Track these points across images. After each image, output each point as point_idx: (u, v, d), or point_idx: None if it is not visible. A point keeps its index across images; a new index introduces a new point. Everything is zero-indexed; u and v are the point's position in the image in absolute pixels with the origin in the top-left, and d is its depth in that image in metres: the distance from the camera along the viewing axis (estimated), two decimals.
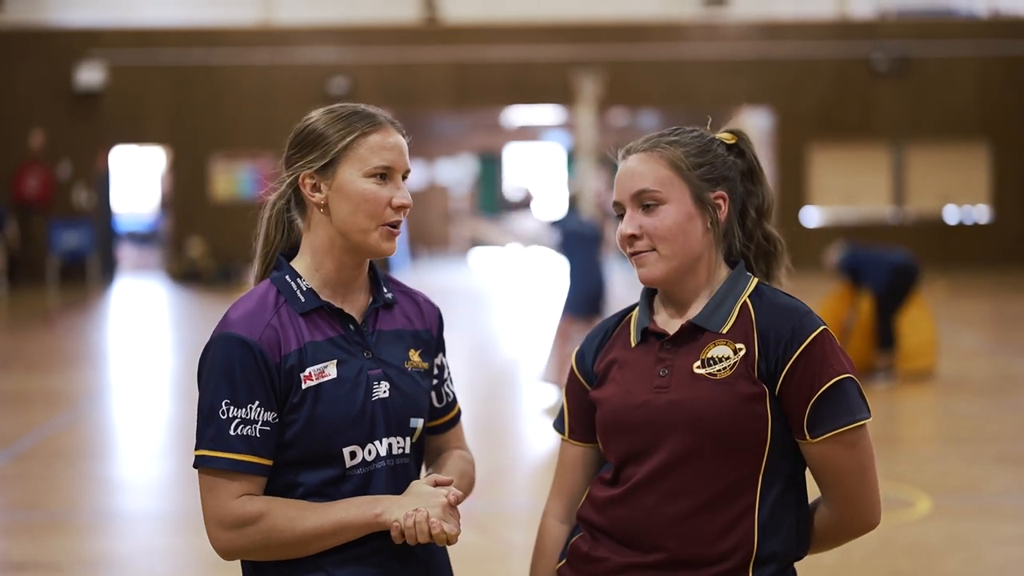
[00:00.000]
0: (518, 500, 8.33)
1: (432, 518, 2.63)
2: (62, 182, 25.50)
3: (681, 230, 2.70)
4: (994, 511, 7.88)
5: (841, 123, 26.53)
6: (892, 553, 6.93)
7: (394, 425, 2.77)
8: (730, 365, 2.66)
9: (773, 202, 2.89)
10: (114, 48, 25.67)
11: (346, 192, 2.73)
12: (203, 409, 2.68)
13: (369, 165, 2.74)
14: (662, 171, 2.72)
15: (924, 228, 26.74)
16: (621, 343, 2.82)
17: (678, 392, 2.67)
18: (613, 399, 2.75)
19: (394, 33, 26.26)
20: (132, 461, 9.91)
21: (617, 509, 2.72)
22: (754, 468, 2.66)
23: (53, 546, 7.37)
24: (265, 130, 25.71)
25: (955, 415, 11.06)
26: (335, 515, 2.66)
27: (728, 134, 2.85)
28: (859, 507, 2.71)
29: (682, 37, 26.44)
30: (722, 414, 2.64)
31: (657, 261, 2.71)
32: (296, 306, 2.73)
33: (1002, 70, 26.54)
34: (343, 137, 2.74)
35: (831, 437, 2.64)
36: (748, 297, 2.73)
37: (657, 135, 2.79)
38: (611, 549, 2.72)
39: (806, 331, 2.65)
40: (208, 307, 20.75)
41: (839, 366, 2.65)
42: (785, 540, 2.68)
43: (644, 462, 2.70)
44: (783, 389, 2.65)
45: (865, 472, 2.69)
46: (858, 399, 2.66)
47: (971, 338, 16.15)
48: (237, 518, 2.66)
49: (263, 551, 2.68)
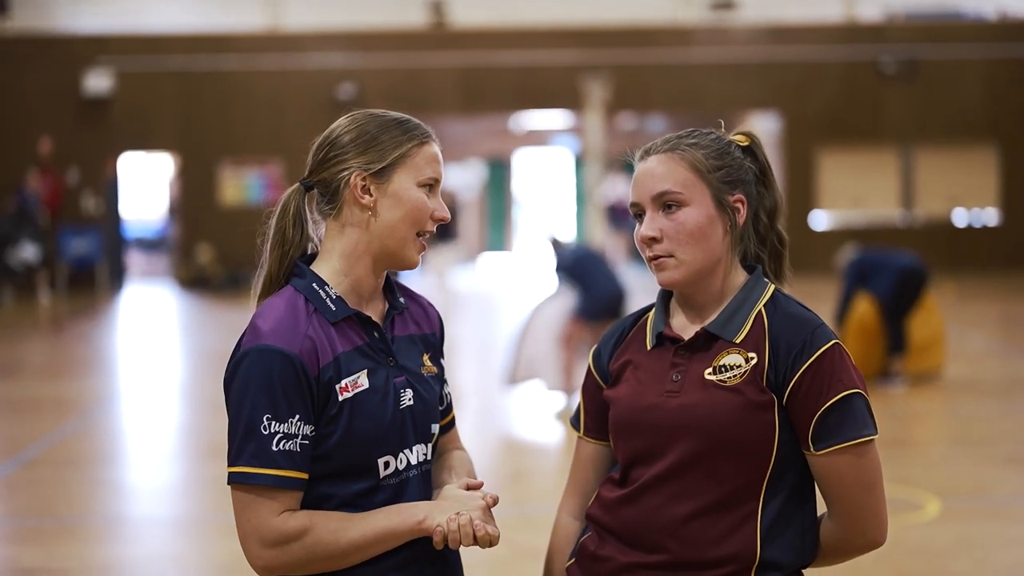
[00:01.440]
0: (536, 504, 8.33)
1: (476, 521, 2.64)
2: (71, 189, 25.53)
3: (702, 233, 2.70)
4: (1003, 513, 7.87)
5: (849, 126, 26.51)
6: (901, 555, 6.93)
7: (420, 432, 2.77)
8: (740, 373, 2.67)
9: (783, 204, 2.89)
10: (122, 55, 25.70)
11: (399, 198, 2.72)
12: (239, 424, 2.62)
13: (423, 175, 2.74)
14: (684, 173, 2.71)
15: (933, 231, 26.71)
16: (637, 344, 2.83)
17: (688, 397, 2.68)
18: (625, 399, 2.76)
19: (402, 38, 26.27)
20: (142, 467, 9.92)
21: (624, 509, 2.73)
22: (759, 475, 2.66)
23: (63, 552, 7.38)
24: (273, 136, 25.73)
25: (964, 417, 11.05)
26: (378, 524, 2.65)
27: (741, 136, 2.85)
28: (864, 523, 2.71)
29: (690, 41, 26.44)
30: (729, 420, 2.64)
31: (677, 266, 2.71)
32: (328, 315, 2.70)
33: (1010, 72, 26.51)
34: (402, 144, 2.73)
35: (836, 451, 2.64)
36: (764, 306, 2.73)
37: (676, 137, 2.78)
38: (617, 549, 2.73)
39: (817, 344, 2.65)
40: (217, 313, 20.77)
41: (848, 381, 2.65)
42: (788, 549, 2.68)
43: (652, 464, 2.70)
44: (790, 400, 2.65)
45: (870, 488, 2.68)
46: (865, 415, 2.66)
47: (980, 340, 16.13)
48: (281, 535, 2.61)
49: (306, 566, 2.64)
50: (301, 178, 2.81)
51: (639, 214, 2.76)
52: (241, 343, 2.68)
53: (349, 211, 2.74)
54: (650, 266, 2.75)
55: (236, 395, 2.64)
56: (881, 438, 2.72)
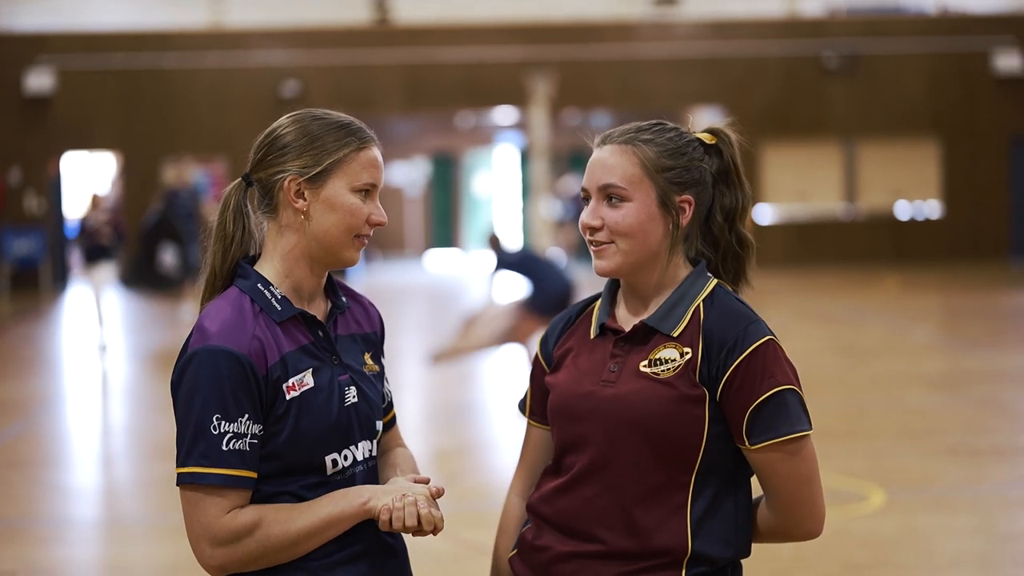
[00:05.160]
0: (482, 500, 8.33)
1: (420, 501, 2.65)
2: (12, 189, 25.30)
3: (641, 229, 2.72)
4: (948, 504, 7.94)
5: (792, 121, 26.67)
6: (847, 546, 6.98)
7: (365, 429, 2.79)
8: (675, 367, 2.69)
9: (749, 204, 2.90)
10: (63, 53, 25.49)
11: (332, 204, 2.72)
12: (188, 424, 2.63)
13: (359, 181, 2.74)
14: (631, 169, 2.73)
15: (876, 224, 26.92)
16: (581, 332, 2.86)
17: (622, 387, 2.71)
18: (562, 386, 2.80)
19: (346, 35, 26.19)
20: (86, 469, 9.85)
21: (560, 499, 2.76)
22: (687, 468, 2.69)
23: (8, 555, 7.32)
24: (216, 134, 25.60)
25: (908, 409, 11.13)
26: (325, 510, 2.66)
27: (708, 134, 2.87)
28: (800, 516, 2.74)
29: (633, 37, 26.51)
30: (660, 412, 2.67)
31: (614, 254, 2.74)
32: (274, 315, 2.71)
33: (951, 66, 26.74)
34: (339, 149, 2.73)
35: (769, 446, 2.67)
36: (702, 301, 2.75)
37: (636, 129, 2.79)
38: (554, 538, 2.76)
39: (750, 340, 2.67)
40: (161, 313, 20.63)
41: (781, 377, 2.67)
42: (719, 542, 2.71)
43: (583, 451, 2.74)
44: (723, 395, 2.68)
45: (806, 483, 2.71)
46: (799, 411, 2.68)
47: (923, 333, 16.26)
48: (231, 532, 2.62)
49: (259, 560, 2.65)
50: (243, 173, 2.81)
51: (587, 198, 2.79)
52: (188, 344, 2.68)
53: (285, 213, 2.75)
54: (591, 251, 2.78)
55: (185, 396, 2.64)
56: (825, 429, 2.74)
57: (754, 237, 2.92)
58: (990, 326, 16.93)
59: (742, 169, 2.89)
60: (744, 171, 2.90)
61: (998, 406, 11.23)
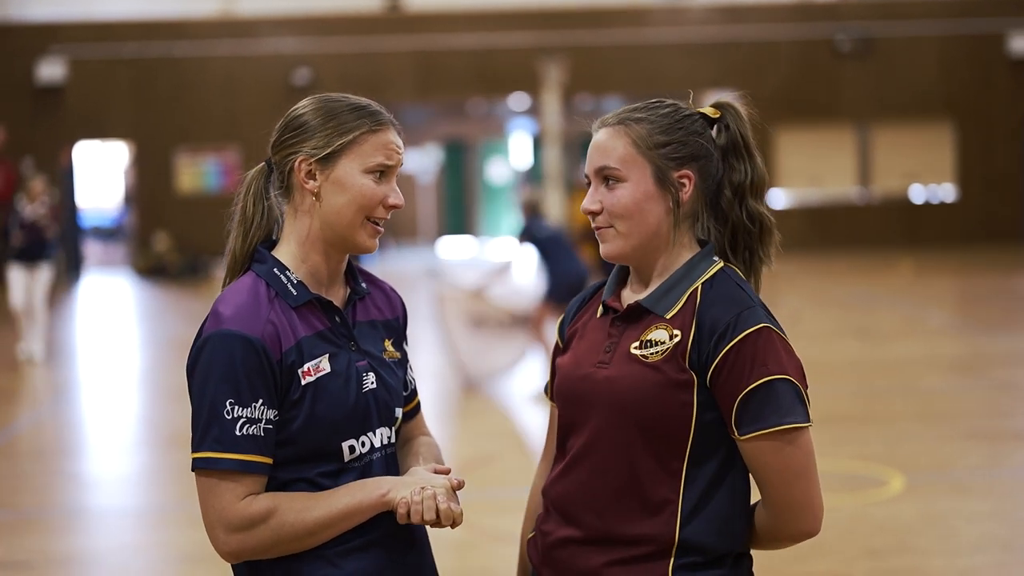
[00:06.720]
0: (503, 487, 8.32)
1: (439, 495, 2.63)
2: (25, 179, 25.29)
3: (638, 209, 2.67)
4: (966, 488, 7.91)
5: (806, 105, 26.60)
6: (866, 531, 6.95)
7: (383, 416, 2.76)
8: (663, 350, 2.63)
9: (763, 179, 2.83)
10: (75, 42, 25.50)
11: (343, 185, 2.70)
12: (202, 409, 2.61)
13: (371, 161, 2.71)
14: (624, 149, 2.70)
15: (890, 208, 26.84)
16: (590, 312, 2.82)
17: (614, 370, 2.66)
18: (566, 367, 2.77)
19: (356, 22, 26.17)
20: (102, 457, 9.85)
21: (559, 483, 2.73)
22: (677, 456, 2.62)
23: (25, 545, 7.32)
24: (229, 122, 25.60)
25: (925, 393, 11.10)
26: (343, 501, 2.64)
27: (712, 108, 2.81)
28: (793, 512, 2.64)
29: (645, 21, 26.45)
30: (646, 396, 2.61)
31: (615, 237, 2.70)
32: (289, 300, 2.69)
33: (965, 49, 26.64)
34: (350, 130, 2.71)
35: (758, 436, 2.58)
36: (702, 284, 2.68)
37: (629, 109, 2.76)
38: (555, 523, 2.73)
39: (742, 326, 2.59)
40: (175, 301, 20.65)
41: (774, 366, 2.58)
42: (712, 533, 2.63)
43: (579, 435, 2.70)
44: (713, 381, 2.60)
45: (799, 477, 2.61)
46: (792, 402, 2.58)
47: (939, 317, 16.21)
48: (246, 519, 2.60)
49: (273, 548, 2.63)
50: (267, 157, 2.81)
51: (590, 183, 2.76)
52: (203, 329, 2.66)
53: (299, 196, 2.73)
54: (597, 236, 2.75)
55: (199, 381, 2.63)
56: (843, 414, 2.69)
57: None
58: (1005, 309, 16.88)
59: (752, 143, 2.82)
60: (756, 145, 2.84)
61: (1015, 389, 11.20)
